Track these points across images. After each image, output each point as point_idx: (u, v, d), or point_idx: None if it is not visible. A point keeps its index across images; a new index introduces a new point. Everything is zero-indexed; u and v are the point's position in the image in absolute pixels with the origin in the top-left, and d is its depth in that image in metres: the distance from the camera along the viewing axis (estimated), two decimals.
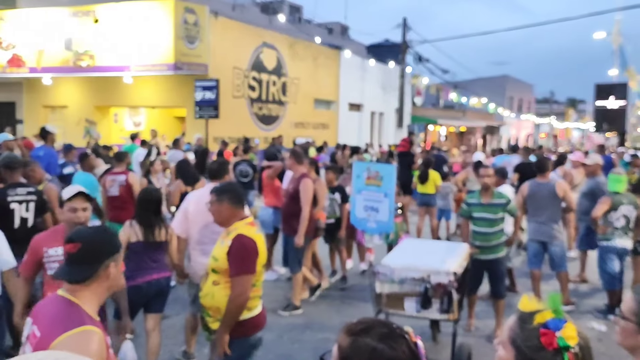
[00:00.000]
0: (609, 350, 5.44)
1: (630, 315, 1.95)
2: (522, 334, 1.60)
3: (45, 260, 3.52)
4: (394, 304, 4.81)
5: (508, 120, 42.88)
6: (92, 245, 2.16)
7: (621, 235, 6.39)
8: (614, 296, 6.48)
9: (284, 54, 18.89)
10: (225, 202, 3.54)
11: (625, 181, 6.73)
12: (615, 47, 28.22)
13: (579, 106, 75.71)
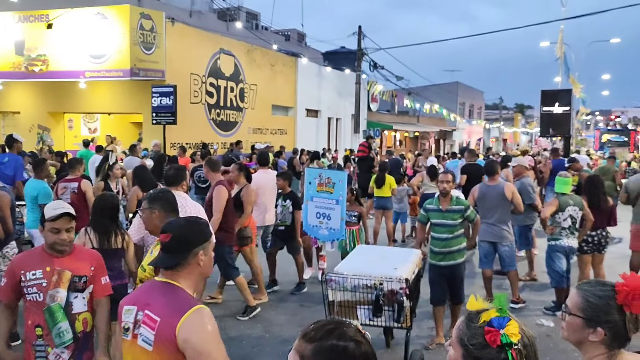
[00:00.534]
0: (557, 345, 5.73)
1: (576, 311, 2.00)
2: (469, 333, 1.65)
3: (23, 285, 3.21)
4: (347, 312, 4.76)
5: (460, 126, 43.98)
6: (182, 235, 2.34)
7: (568, 235, 6.65)
8: (561, 293, 6.71)
9: (241, 61, 18.97)
10: (157, 210, 3.43)
11: (572, 183, 7.12)
12: (559, 55, 29.37)
13: (527, 112, 78.15)
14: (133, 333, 2.26)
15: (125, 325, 2.30)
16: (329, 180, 6.49)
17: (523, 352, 1.59)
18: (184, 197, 4.90)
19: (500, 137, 57.40)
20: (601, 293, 1.98)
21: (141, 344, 2.21)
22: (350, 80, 25.19)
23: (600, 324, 1.94)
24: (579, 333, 2.00)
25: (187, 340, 2.11)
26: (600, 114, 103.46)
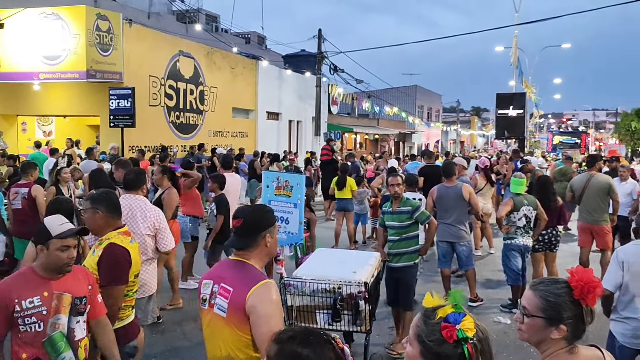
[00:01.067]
0: (514, 342, 5.90)
1: (536, 312, 2.04)
2: (426, 329, 1.69)
3: (17, 316, 2.80)
4: (306, 317, 4.71)
5: (419, 128, 44.64)
6: (252, 220, 2.69)
7: (523, 234, 6.87)
8: (517, 291, 6.93)
9: (201, 63, 18.81)
10: (100, 211, 3.45)
11: (526, 183, 7.36)
12: (513, 60, 30.18)
13: (483, 114, 79.93)
14: (210, 303, 2.65)
15: (203, 297, 2.70)
16: (287, 183, 6.46)
17: (478, 347, 1.64)
18: (143, 201, 4.86)
19: (458, 139, 58.54)
20: (558, 291, 2.03)
21: (217, 311, 2.60)
22: (310, 83, 25.28)
23: (562, 321, 2.00)
24: (540, 333, 2.04)
25: (254, 306, 2.46)
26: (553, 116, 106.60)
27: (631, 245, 4.07)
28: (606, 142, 57.19)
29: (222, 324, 2.56)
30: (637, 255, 3.91)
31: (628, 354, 3.91)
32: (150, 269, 4.75)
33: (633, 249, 4.01)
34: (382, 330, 6.19)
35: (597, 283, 2.00)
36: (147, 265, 4.70)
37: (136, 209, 4.70)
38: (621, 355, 3.86)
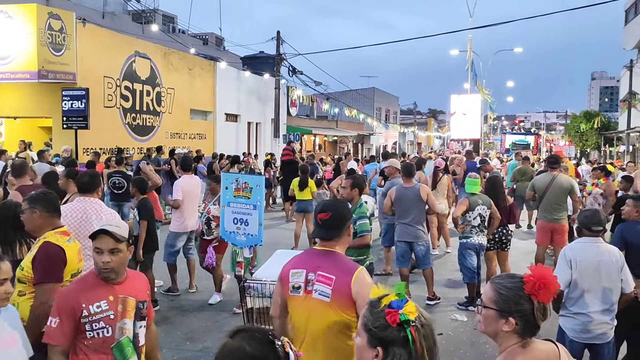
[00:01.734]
0: (470, 339, 6.05)
1: (490, 304, 2.13)
2: (372, 318, 1.75)
3: (85, 321, 2.73)
4: (266, 319, 4.60)
5: (377, 130, 45.09)
6: (339, 213, 2.94)
7: (478, 233, 7.01)
8: (473, 289, 7.10)
9: (158, 64, 18.53)
10: (38, 211, 3.47)
11: (480, 184, 7.53)
12: (468, 63, 30.83)
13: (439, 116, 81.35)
14: (306, 290, 2.83)
15: (295, 285, 2.86)
16: (246, 185, 6.41)
17: (421, 330, 1.70)
18: (99, 204, 4.77)
19: (415, 141, 59.38)
20: (511, 285, 2.11)
21: (317, 297, 2.78)
22: (269, 85, 25.22)
23: (511, 314, 2.08)
24: (493, 324, 2.13)
25: (359, 292, 2.69)
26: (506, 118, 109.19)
27: (577, 243, 4.20)
28: (557, 143, 59.00)
29: (324, 308, 2.76)
30: (583, 253, 4.05)
31: (578, 348, 4.04)
32: None
33: (579, 246, 4.14)
34: None
35: (550, 281, 2.06)
36: None
37: (91, 212, 4.61)
38: (571, 350, 3.99)
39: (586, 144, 44.61)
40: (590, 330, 4.00)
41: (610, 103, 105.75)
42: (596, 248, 4.07)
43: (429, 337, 1.73)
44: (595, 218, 4.15)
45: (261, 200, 6.46)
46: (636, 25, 37.56)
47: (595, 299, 3.99)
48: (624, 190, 8.24)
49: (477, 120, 30.68)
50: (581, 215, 4.28)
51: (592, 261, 4.01)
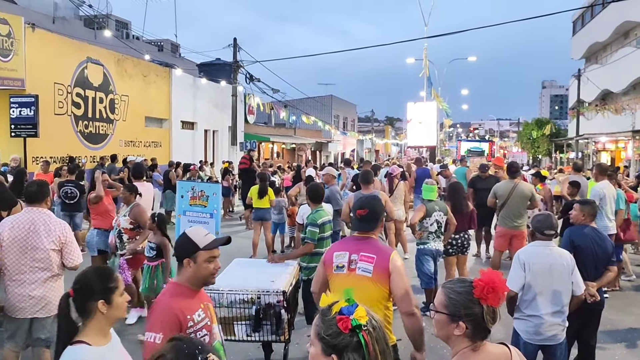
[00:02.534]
0: (428, 343, 6.07)
1: (441, 308, 2.16)
2: (324, 326, 1.75)
3: (191, 331, 2.72)
4: (224, 329, 4.50)
5: (335, 137, 45.28)
6: (375, 209, 3.61)
7: (435, 239, 7.05)
8: (430, 294, 7.11)
9: (111, 70, 18.13)
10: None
11: (436, 190, 7.60)
12: (424, 71, 31.34)
13: (396, 124, 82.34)
14: (349, 268, 3.46)
15: (339, 264, 3.49)
16: (203, 193, 6.35)
17: (373, 334, 1.71)
18: (47, 214, 4.58)
19: (373, 148, 59.89)
20: (461, 289, 2.14)
21: (361, 273, 3.40)
22: (226, 92, 24.99)
23: (461, 318, 2.10)
24: (445, 329, 2.15)
25: (395, 267, 3.39)
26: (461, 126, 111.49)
27: (531, 247, 4.29)
28: (510, 150, 60.51)
29: (367, 283, 3.37)
30: (536, 256, 4.13)
31: (532, 350, 4.12)
32: (55, 285, 4.50)
33: (532, 250, 4.22)
34: (302, 339, 6.15)
35: (499, 285, 2.08)
36: (53, 282, 4.45)
37: (39, 222, 4.43)
38: (525, 351, 4.05)
39: (538, 151, 45.89)
40: (542, 332, 4.08)
41: (560, 111, 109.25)
42: (549, 251, 4.15)
43: (381, 339, 1.73)
44: (548, 222, 4.23)
45: (218, 208, 6.37)
46: (583, 36, 39.01)
47: (547, 302, 4.07)
48: (572, 195, 8.46)
49: (433, 127, 31.17)
50: (534, 220, 4.36)
51: (544, 264, 4.09)
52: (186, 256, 2.76)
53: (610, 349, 6.10)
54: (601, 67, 34.38)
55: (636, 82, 29.36)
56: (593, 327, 4.81)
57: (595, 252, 4.72)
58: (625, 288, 8.56)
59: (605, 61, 34.39)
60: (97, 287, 2.53)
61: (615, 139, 30.02)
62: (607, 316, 7.03)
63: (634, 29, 31.19)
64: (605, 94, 34.37)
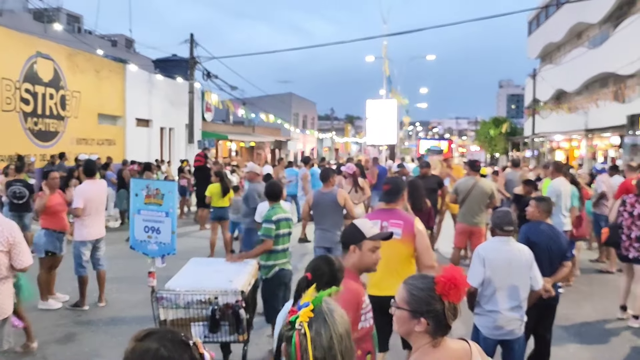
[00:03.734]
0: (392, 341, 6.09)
1: (403, 304, 2.16)
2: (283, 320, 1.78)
3: (362, 312, 2.95)
4: (180, 331, 4.44)
5: (294, 136, 45.16)
6: (396, 185, 4.58)
7: None
8: None
9: (62, 66, 17.52)
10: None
11: None
12: (383, 68, 31.50)
13: (356, 122, 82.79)
14: (385, 227, 4.28)
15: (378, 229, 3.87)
16: (158, 191, 6.12)
17: (309, 337, 1.64)
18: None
19: (333, 146, 60.04)
20: (422, 285, 2.14)
21: (398, 238, 4.13)
22: (183, 89, 24.53)
23: (423, 314, 2.10)
24: (406, 325, 2.15)
25: (419, 230, 4.29)
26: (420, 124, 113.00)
27: (490, 243, 4.35)
28: (468, 148, 61.62)
29: (398, 244, 4.12)
30: (496, 252, 4.18)
31: (491, 344, 4.18)
32: (3, 289, 4.30)
33: (492, 245, 4.28)
34: (261, 339, 6.03)
35: (460, 281, 2.09)
36: (1, 285, 4.23)
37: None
38: (485, 347, 4.07)
39: (495, 149, 46.89)
40: (501, 327, 4.12)
41: (516, 110, 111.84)
42: (508, 247, 4.20)
43: (323, 347, 1.65)
44: (507, 218, 4.30)
45: (173, 207, 6.18)
46: (539, 36, 40.03)
47: (506, 297, 4.12)
48: (527, 193, 8.58)
49: (393, 125, 31.33)
50: (494, 216, 4.44)
51: (504, 260, 4.13)
52: (353, 243, 3.07)
53: (565, 342, 6.21)
54: (555, 67, 35.33)
55: (589, 82, 30.27)
56: (548, 321, 4.88)
57: (550, 248, 4.77)
58: (578, 283, 8.74)
59: (560, 61, 35.34)
60: None
61: (569, 138, 30.91)
62: (562, 311, 7.14)
63: (587, 30, 32.15)
64: (560, 93, 35.35)
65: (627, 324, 6.80)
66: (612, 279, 9.00)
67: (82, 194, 7.10)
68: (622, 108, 23.95)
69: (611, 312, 7.24)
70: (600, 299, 7.93)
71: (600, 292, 8.30)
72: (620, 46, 24.88)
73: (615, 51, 25.21)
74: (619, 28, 25.81)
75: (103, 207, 7.56)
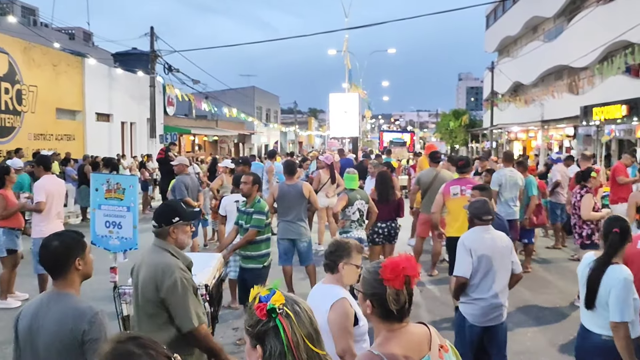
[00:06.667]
0: None
1: (359, 287, 2.25)
2: (248, 317, 1.73)
3: None
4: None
5: (258, 129, 44.93)
6: (467, 161, 7.48)
7: (357, 227, 7.07)
8: None
9: (17, 59, 17.04)
10: None
11: (358, 179, 7.66)
12: (345, 62, 31.63)
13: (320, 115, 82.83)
14: (461, 194, 6.71)
15: (454, 192, 6.88)
16: (119, 185, 6.04)
17: (292, 317, 1.67)
18: None
19: (296, 140, 59.97)
20: (372, 269, 2.20)
21: (467, 194, 6.03)
22: (144, 83, 24.12)
23: (368, 296, 2.17)
24: (362, 306, 2.23)
25: None
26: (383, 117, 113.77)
27: (473, 233, 4.36)
28: (429, 140, 62.33)
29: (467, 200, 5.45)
30: (479, 242, 4.23)
31: (478, 332, 4.23)
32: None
33: (474, 236, 4.31)
34: (227, 332, 6.06)
35: (405, 268, 2.10)
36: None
37: None
38: (471, 334, 4.20)
39: (455, 141, 47.59)
40: (488, 314, 4.19)
41: (475, 102, 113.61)
42: (489, 235, 4.27)
43: (305, 324, 1.70)
44: (485, 208, 4.35)
45: (135, 201, 6.11)
46: (496, 30, 40.75)
47: (491, 284, 4.19)
48: (488, 182, 8.80)
49: (355, 118, 31.47)
50: (471, 207, 4.46)
51: (487, 248, 4.20)
52: None
53: (524, 326, 6.41)
54: (512, 60, 36.06)
55: (544, 74, 31.01)
56: None
57: None
58: (536, 270, 9.01)
59: (516, 54, 36.09)
60: None
61: (526, 129, 31.63)
62: (520, 297, 7.41)
63: (542, 24, 32.91)
64: (517, 86, 36.12)
65: None
66: (568, 265, 9.30)
67: (42, 187, 6.97)
68: (576, 100, 24.66)
69: (567, 297, 7.50)
70: (556, 285, 8.20)
71: (557, 278, 8.58)
72: (574, 40, 25.56)
73: (570, 44, 25.89)
74: (573, 22, 26.50)
75: (62, 202, 7.43)
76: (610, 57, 22.27)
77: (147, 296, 3.22)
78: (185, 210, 3.47)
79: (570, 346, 5.83)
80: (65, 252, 2.60)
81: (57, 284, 2.64)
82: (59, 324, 2.51)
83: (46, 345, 2.51)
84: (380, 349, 2.08)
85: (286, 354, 1.63)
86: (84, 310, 2.55)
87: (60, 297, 2.60)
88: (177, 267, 3.24)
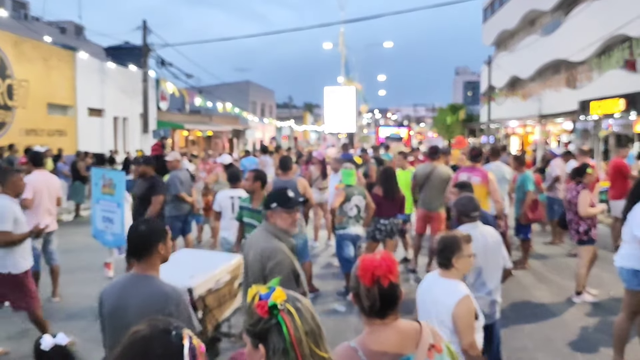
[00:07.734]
0: (349, 327, 6.05)
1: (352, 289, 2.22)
2: (247, 317, 1.70)
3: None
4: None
5: (253, 124, 44.73)
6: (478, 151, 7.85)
7: (354, 223, 7.03)
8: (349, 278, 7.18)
9: (7, 53, 16.80)
10: None
11: (355, 174, 7.54)
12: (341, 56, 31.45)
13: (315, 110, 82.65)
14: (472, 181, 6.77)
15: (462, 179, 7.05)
16: (111, 181, 5.96)
17: (294, 313, 1.64)
18: None
19: (292, 135, 59.79)
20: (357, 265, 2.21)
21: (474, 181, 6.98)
22: (136, 78, 23.89)
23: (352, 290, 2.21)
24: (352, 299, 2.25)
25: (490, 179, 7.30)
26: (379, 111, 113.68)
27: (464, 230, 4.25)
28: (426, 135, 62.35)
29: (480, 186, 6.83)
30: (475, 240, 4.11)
31: None
32: None
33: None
34: None
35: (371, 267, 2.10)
36: None
37: None
38: None
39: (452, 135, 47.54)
40: (485, 311, 4.09)
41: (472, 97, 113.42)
42: (478, 232, 4.20)
43: (307, 320, 1.67)
44: (472, 205, 4.30)
45: (123, 197, 6.01)
46: (493, 23, 40.61)
47: (486, 281, 4.16)
48: None
49: (352, 113, 31.24)
50: (458, 204, 4.39)
51: (479, 245, 4.10)
52: None
53: (521, 323, 6.33)
54: (510, 54, 35.93)
55: (542, 69, 30.90)
56: None
57: None
58: (533, 266, 8.90)
59: (514, 48, 35.95)
60: None
61: (523, 124, 31.53)
62: (517, 293, 7.33)
63: (540, 18, 32.77)
64: (514, 80, 36.01)
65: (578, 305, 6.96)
66: (566, 261, 9.20)
67: (30, 184, 6.79)
68: (574, 94, 24.56)
69: (564, 293, 7.40)
70: (553, 281, 8.10)
71: (554, 274, 8.47)
72: (571, 33, 25.46)
73: (567, 38, 25.78)
74: (571, 15, 26.39)
75: (53, 199, 7.26)
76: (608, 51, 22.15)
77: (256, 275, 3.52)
78: (288, 198, 3.69)
79: (567, 342, 5.75)
80: (151, 236, 2.81)
81: (140, 266, 2.83)
82: (146, 305, 2.65)
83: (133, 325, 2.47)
84: (358, 342, 2.11)
85: (289, 351, 1.61)
86: (169, 292, 2.74)
87: (146, 279, 2.78)
88: (280, 251, 3.54)
